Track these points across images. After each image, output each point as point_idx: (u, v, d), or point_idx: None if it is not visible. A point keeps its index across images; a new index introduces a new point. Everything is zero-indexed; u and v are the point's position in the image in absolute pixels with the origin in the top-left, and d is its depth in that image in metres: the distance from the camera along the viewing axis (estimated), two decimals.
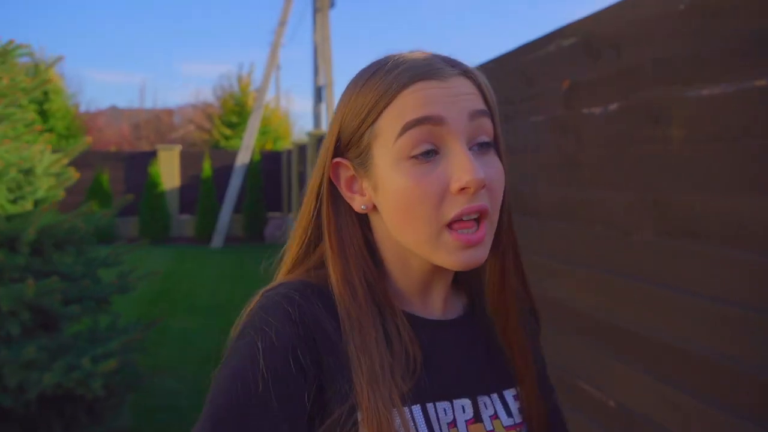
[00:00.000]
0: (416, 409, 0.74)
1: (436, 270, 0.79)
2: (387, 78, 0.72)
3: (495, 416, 0.79)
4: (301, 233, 0.86)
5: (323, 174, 0.80)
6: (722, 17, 1.80)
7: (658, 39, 2.06)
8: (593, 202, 2.39)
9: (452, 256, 0.71)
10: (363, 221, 0.81)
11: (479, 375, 0.80)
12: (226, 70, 54.54)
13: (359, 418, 0.70)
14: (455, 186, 0.69)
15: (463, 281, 0.87)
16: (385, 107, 0.72)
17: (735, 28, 1.76)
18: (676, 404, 1.97)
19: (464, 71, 0.73)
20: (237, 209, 15.76)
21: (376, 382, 0.70)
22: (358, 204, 0.79)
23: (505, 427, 0.79)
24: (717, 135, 1.83)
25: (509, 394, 0.82)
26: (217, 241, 14.90)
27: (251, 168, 15.92)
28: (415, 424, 0.73)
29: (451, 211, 0.69)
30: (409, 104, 0.71)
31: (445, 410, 0.76)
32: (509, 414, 0.80)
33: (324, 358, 0.72)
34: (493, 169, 0.71)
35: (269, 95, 16.59)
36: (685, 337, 1.93)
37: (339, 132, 0.77)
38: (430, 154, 0.71)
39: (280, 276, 0.86)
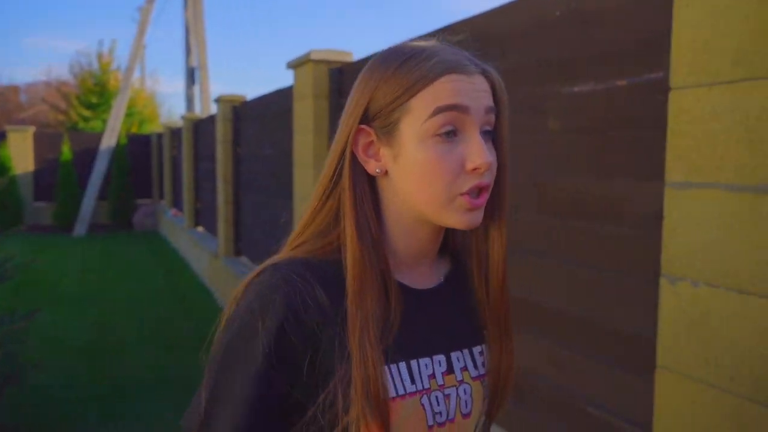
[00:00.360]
0: (402, 365, 0.88)
1: (434, 237, 0.94)
2: (425, 65, 0.85)
3: (464, 368, 0.95)
4: (314, 199, 0.93)
5: (348, 136, 0.89)
6: (591, 25, 2.10)
7: (537, 41, 2.34)
8: None
9: (461, 217, 0.87)
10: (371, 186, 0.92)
11: (454, 334, 0.96)
12: (84, 47, 50.87)
13: (354, 377, 0.82)
14: (470, 166, 0.85)
15: (448, 250, 1.02)
16: (420, 90, 0.85)
17: (602, 35, 2.06)
18: (552, 357, 2.28)
19: (483, 70, 0.90)
20: (102, 195, 15.00)
21: (368, 340, 0.83)
22: (373, 167, 0.90)
23: (472, 378, 0.95)
24: (586, 126, 2.13)
25: (477, 351, 0.98)
26: (80, 229, 14.11)
27: (117, 152, 15.18)
28: (400, 376, 0.87)
29: (465, 185, 0.86)
30: (442, 91, 0.85)
31: (426, 365, 0.90)
32: (476, 367, 0.96)
33: (319, 331, 0.84)
34: (493, 154, 0.90)
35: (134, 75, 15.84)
36: (560, 299, 2.24)
37: (369, 102, 0.88)
38: (451, 135, 0.86)
39: (293, 240, 0.94)
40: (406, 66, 0.86)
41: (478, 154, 0.85)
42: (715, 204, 1.57)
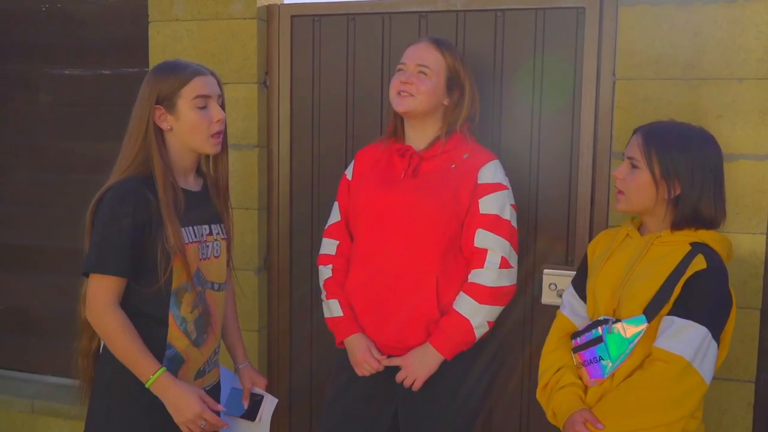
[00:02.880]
0: (188, 228, 1.67)
1: (195, 160, 1.74)
2: (185, 71, 1.65)
3: (218, 233, 1.78)
4: (131, 147, 1.64)
5: (149, 112, 1.63)
6: (76, 24, 2.73)
7: (24, 27, 2.81)
8: None
9: (212, 148, 1.70)
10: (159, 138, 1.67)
11: (211, 214, 1.77)
12: None
13: (168, 234, 1.59)
14: (216, 119, 1.67)
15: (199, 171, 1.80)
16: (185, 83, 1.63)
17: (87, 33, 2.72)
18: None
19: (210, 72, 1.70)
20: None
21: (173, 217, 1.59)
22: (167, 126, 1.65)
23: (222, 238, 1.80)
24: (72, 101, 2.76)
25: (221, 225, 1.81)
26: None
27: None
28: (187, 233, 1.66)
29: (214, 130, 1.68)
30: (197, 85, 1.65)
31: (201, 228, 1.72)
32: (223, 232, 1.81)
33: (151, 211, 1.59)
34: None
35: None
36: (54, 240, 2.82)
37: (157, 94, 1.63)
38: (204, 107, 1.66)
39: (116, 174, 1.64)
40: (173, 72, 1.64)
41: (219, 114, 1.67)
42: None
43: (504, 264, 1.86)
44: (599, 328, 1.61)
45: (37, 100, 2.84)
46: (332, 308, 2.01)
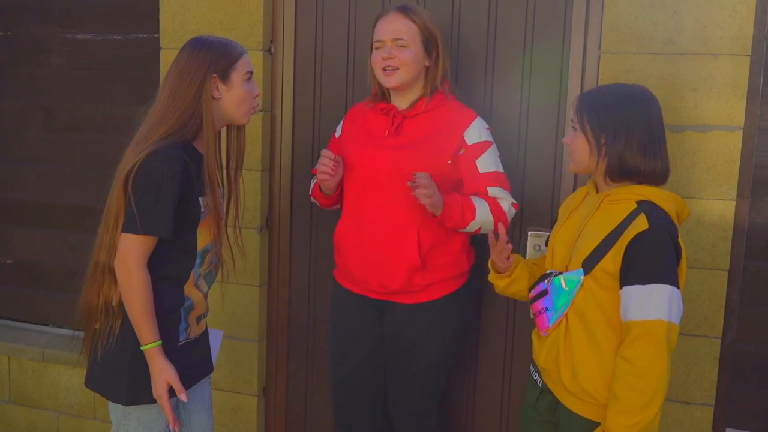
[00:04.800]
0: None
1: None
2: (238, 47, 1.79)
3: (222, 195, 1.89)
4: (175, 111, 1.72)
5: (203, 80, 1.72)
6: None
7: None
8: None
9: (247, 119, 1.84)
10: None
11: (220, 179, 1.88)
12: None
13: (209, 196, 1.77)
14: (255, 94, 1.83)
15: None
16: (237, 60, 1.77)
17: None
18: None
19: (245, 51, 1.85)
20: None
21: (215, 180, 1.76)
22: (217, 94, 1.75)
23: (225, 202, 1.93)
24: (84, 64, 2.87)
25: (223, 189, 1.92)
26: None
27: None
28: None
29: (255, 104, 1.84)
30: (248, 61, 1.80)
31: (220, 191, 1.84)
32: (223, 194, 1.91)
33: (192, 177, 1.71)
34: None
35: None
36: (67, 197, 2.96)
37: (215, 64, 1.74)
38: (249, 81, 1.81)
39: (154, 135, 1.71)
40: (230, 47, 1.77)
41: (256, 90, 1.81)
42: None
43: (516, 207, 2.12)
44: (546, 281, 1.74)
45: (50, 63, 2.96)
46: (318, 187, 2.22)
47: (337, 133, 2.26)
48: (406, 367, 2.14)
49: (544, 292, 1.73)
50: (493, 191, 2.07)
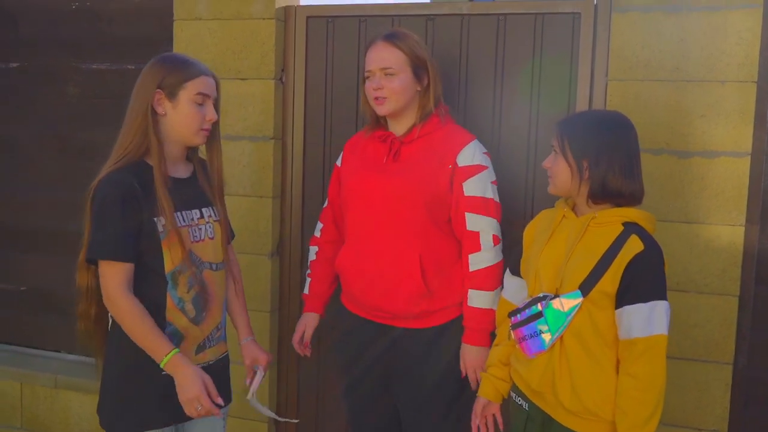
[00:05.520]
0: (179, 213, 1.76)
1: (183, 149, 1.83)
2: (194, 67, 1.77)
3: (210, 216, 1.86)
4: (129, 129, 1.75)
5: (151, 95, 1.73)
6: (103, 20, 2.90)
7: (54, 24, 2.98)
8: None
9: (198, 140, 1.81)
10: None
11: (201, 199, 1.85)
12: None
13: (163, 215, 1.72)
14: (209, 118, 1.79)
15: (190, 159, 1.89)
16: (190, 79, 1.75)
17: (113, 29, 2.89)
18: None
19: (211, 75, 1.81)
20: None
21: (167, 201, 1.71)
22: (162, 110, 1.75)
23: (214, 220, 1.88)
24: (99, 94, 2.92)
25: (212, 208, 1.88)
26: None
27: None
28: (181, 218, 1.77)
29: (204, 126, 1.80)
30: (202, 83, 1.76)
31: (191, 213, 1.82)
32: (215, 215, 1.88)
33: (140, 199, 1.69)
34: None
35: None
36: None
37: (162, 80, 1.73)
38: (202, 105, 1.77)
39: (113, 158, 1.76)
40: (185, 65, 1.76)
41: (211, 113, 1.79)
42: None
43: (496, 241, 2.03)
44: (539, 304, 1.74)
45: (65, 93, 3.01)
46: (305, 286, 2.33)
47: (338, 163, 2.28)
48: (416, 391, 2.12)
49: (538, 315, 1.74)
50: (471, 219, 2.02)
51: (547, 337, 1.72)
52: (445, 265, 2.07)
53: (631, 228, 1.69)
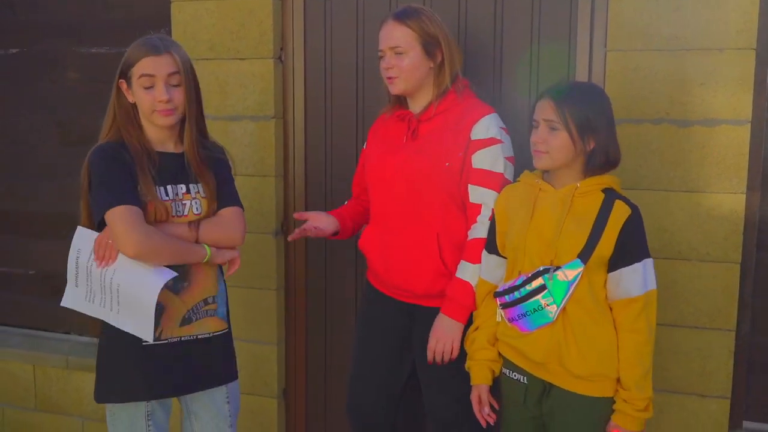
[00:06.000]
0: (160, 188, 1.80)
1: (166, 128, 1.85)
2: (138, 51, 1.78)
3: (197, 192, 1.87)
4: (109, 114, 1.84)
5: (117, 88, 1.82)
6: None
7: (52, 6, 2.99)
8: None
9: (159, 121, 1.80)
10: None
11: (189, 175, 1.85)
12: None
13: (141, 187, 1.76)
14: (159, 99, 1.77)
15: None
16: (134, 63, 1.77)
17: (112, 13, 2.89)
18: None
19: (168, 51, 1.75)
20: None
21: (148, 176, 1.76)
22: (131, 98, 1.82)
23: (202, 197, 1.87)
24: (99, 78, 2.93)
25: (200, 185, 1.87)
26: None
27: None
28: (163, 192, 1.80)
29: (158, 108, 1.77)
30: (144, 65, 1.76)
31: (177, 188, 1.84)
32: (201, 191, 1.87)
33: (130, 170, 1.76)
34: (172, 93, 1.77)
35: None
36: None
37: (121, 69, 1.81)
38: (150, 87, 1.78)
39: (102, 139, 1.83)
40: (133, 50, 1.78)
41: (160, 96, 1.78)
42: None
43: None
44: (540, 278, 1.75)
45: (65, 78, 3.02)
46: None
47: (365, 145, 2.29)
48: (436, 371, 2.11)
49: (541, 289, 1.75)
50: (475, 191, 2.00)
51: (552, 308, 1.75)
52: (463, 244, 2.04)
53: (610, 194, 1.77)
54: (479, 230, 2.00)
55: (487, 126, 2.01)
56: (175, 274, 1.79)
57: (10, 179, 3.19)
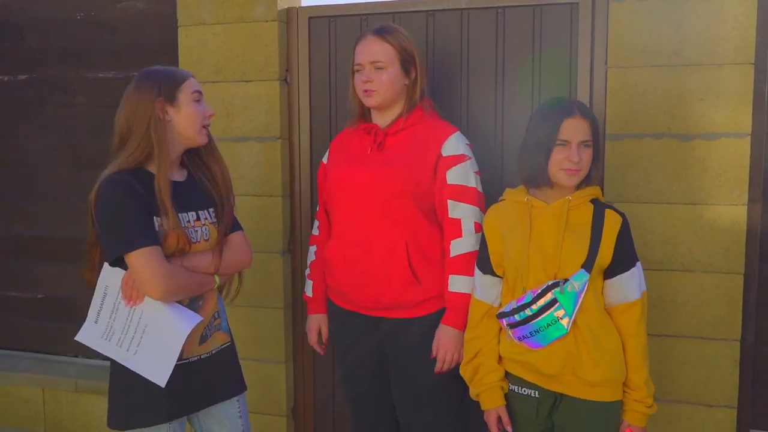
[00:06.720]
0: (181, 214, 1.82)
1: (181, 153, 1.88)
2: (182, 71, 1.87)
3: (206, 218, 1.89)
4: (136, 140, 1.78)
5: (152, 104, 1.78)
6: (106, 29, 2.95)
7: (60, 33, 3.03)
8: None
9: (202, 138, 1.86)
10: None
11: (199, 201, 1.89)
12: None
13: (163, 221, 1.76)
14: (208, 114, 1.88)
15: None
16: (184, 80, 1.84)
17: (118, 38, 2.94)
18: None
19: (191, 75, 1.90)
20: None
21: (168, 203, 1.75)
22: (167, 117, 1.81)
23: (210, 223, 1.89)
24: (107, 102, 2.97)
25: (210, 211, 1.91)
26: None
27: None
28: (181, 220, 1.81)
29: (206, 122, 1.88)
30: (194, 83, 1.86)
31: (188, 215, 1.85)
32: (211, 217, 1.90)
33: (143, 197, 1.74)
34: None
35: None
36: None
37: (159, 88, 1.80)
38: (199, 101, 1.86)
39: (119, 165, 1.78)
40: (173, 72, 1.84)
41: (209, 110, 1.87)
42: None
43: (477, 228, 2.04)
44: (550, 293, 1.77)
45: (74, 102, 3.06)
46: (307, 288, 2.35)
47: (325, 160, 2.31)
48: (411, 386, 2.13)
49: (552, 303, 1.77)
50: (453, 207, 2.05)
51: (565, 321, 1.77)
52: (432, 254, 2.09)
53: (597, 203, 1.84)
54: (465, 243, 2.04)
55: (456, 143, 2.08)
56: (201, 318, 1.84)
57: (19, 203, 3.22)
